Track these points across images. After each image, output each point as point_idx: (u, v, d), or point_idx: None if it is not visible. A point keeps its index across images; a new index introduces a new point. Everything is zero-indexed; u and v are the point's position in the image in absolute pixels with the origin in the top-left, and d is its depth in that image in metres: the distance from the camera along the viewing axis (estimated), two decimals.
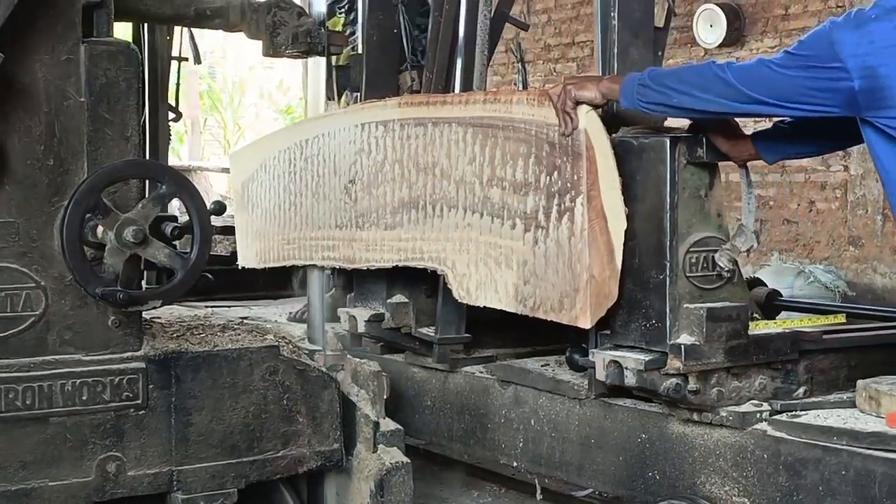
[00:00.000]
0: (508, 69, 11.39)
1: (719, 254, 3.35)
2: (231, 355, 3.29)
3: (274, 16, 4.07)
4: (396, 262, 4.03)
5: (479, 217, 3.71)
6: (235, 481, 3.28)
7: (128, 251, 3.03)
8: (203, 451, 3.23)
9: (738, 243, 3.35)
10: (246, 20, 4.03)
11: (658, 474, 3.53)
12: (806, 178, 9.11)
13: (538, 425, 3.91)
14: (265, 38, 4.07)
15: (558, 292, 3.45)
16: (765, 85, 3.06)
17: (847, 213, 8.66)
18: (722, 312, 3.32)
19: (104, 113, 3.08)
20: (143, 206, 3.08)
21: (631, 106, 3.30)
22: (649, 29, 3.62)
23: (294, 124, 4.99)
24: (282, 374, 3.35)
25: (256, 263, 4.81)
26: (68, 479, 3.05)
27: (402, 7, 4.49)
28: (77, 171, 3.06)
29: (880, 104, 2.95)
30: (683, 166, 3.35)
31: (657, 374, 3.32)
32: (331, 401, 3.43)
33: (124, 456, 3.12)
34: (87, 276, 3.01)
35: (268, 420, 3.32)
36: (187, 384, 3.21)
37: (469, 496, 4.87)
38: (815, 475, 3.13)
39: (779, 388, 3.45)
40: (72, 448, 3.06)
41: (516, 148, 3.57)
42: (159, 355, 3.18)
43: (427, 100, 4.00)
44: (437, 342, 4.18)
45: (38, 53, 3.01)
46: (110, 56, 3.09)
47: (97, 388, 3.09)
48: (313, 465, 3.41)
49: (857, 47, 2.93)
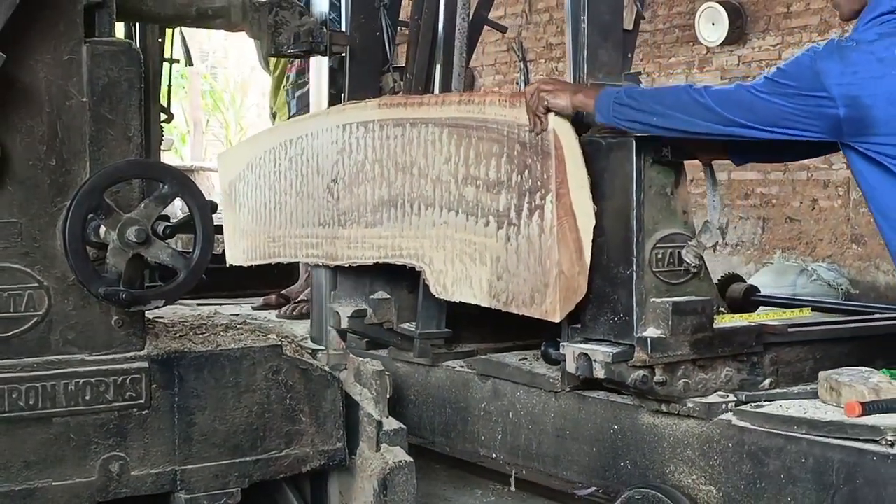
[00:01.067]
0: (510, 68, 11.45)
1: (686, 250, 3.44)
2: (234, 355, 3.28)
3: (276, 15, 4.08)
4: (377, 258, 4.12)
5: (455, 215, 3.80)
6: (239, 481, 3.27)
7: (130, 251, 3.00)
8: (206, 451, 3.22)
9: (703, 240, 3.44)
10: (247, 20, 4.03)
11: (630, 464, 3.61)
12: (809, 175, 9.12)
13: (516, 418, 3.99)
14: (267, 38, 4.08)
15: (529, 287, 3.55)
16: (746, 109, 3.13)
17: (850, 211, 8.66)
18: (687, 306, 3.40)
19: (106, 113, 3.06)
20: (146, 205, 3.05)
21: (606, 122, 3.38)
22: (618, 31, 3.69)
23: (279, 125, 5.07)
24: (285, 374, 3.34)
25: (244, 261, 4.91)
26: (72, 479, 3.04)
27: (384, 10, 4.57)
28: (79, 171, 3.04)
29: (864, 131, 3.05)
30: (649, 165, 3.44)
31: (625, 366, 3.40)
32: (334, 400, 3.43)
33: (128, 456, 3.11)
34: (89, 276, 2.99)
35: (271, 419, 3.31)
36: (190, 384, 3.19)
37: (472, 495, 4.87)
38: (777, 463, 3.21)
39: (745, 379, 3.52)
40: (75, 448, 3.05)
41: (489, 147, 3.66)
42: (162, 355, 3.17)
43: (405, 101, 4.09)
44: (418, 337, 4.25)
45: (40, 53, 3.00)
46: (112, 56, 3.07)
47: (100, 388, 3.07)
48: (316, 464, 3.41)
49: (841, 77, 3.02)
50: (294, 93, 5.66)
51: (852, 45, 3.07)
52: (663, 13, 10.20)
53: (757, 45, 9.43)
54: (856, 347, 3.65)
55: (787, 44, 9.21)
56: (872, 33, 3.08)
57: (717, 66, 9.73)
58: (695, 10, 9.67)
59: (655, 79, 10.19)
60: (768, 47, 9.33)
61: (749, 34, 9.49)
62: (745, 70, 9.46)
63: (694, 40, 9.79)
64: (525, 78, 10.90)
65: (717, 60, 9.71)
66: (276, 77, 6.03)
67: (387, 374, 3.53)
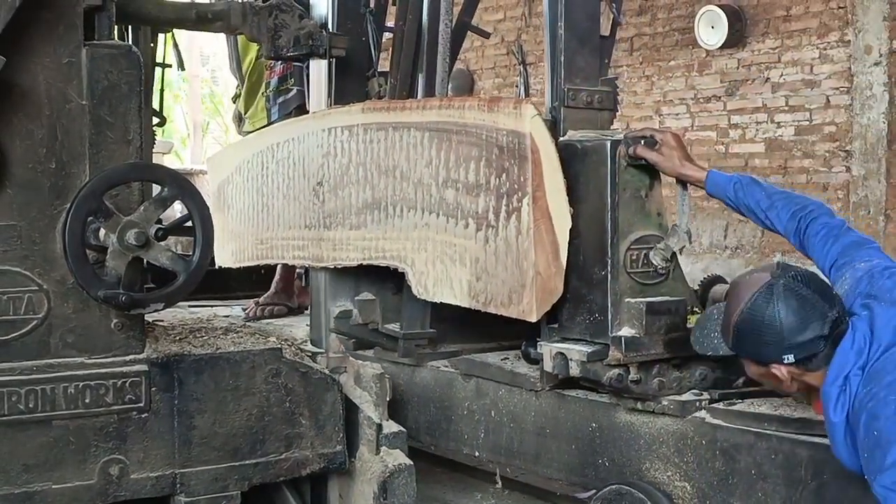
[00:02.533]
0: (510, 71, 11.49)
1: (653, 252, 3.50)
2: (234, 358, 3.27)
3: (275, 18, 4.16)
4: (361, 260, 4.18)
5: (436, 217, 3.86)
6: (238, 484, 3.27)
7: (130, 254, 2.99)
8: (206, 454, 3.21)
9: (671, 243, 3.51)
10: (247, 23, 4.09)
11: (607, 461, 3.67)
12: (808, 179, 9.15)
13: (498, 416, 4.05)
14: (266, 41, 4.14)
15: (507, 288, 3.61)
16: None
17: (849, 215, 8.68)
18: (661, 306, 3.46)
19: (106, 116, 3.05)
20: (145, 208, 3.03)
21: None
22: (595, 37, 3.76)
23: (267, 129, 5.12)
24: (284, 377, 3.33)
25: (232, 263, 4.97)
26: (71, 483, 3.03)
27: (369, 16, 4.63)
28: (79, 174, 3.03)
29: None
30: (624, 168, 3.50)
31: (600, 364, 3.47)
32: (333, 403, 3.42)
33: (127, 459, 3.10)
34: (89, 279, 2.97)
35: (270, 422, 3.31)
36: (190, 387, 3.18)
37: (472, 498, 4.87)
38: (749, 459, 3.27)
39: (719, 378, 3.57)
40: (75, 451, 3.04)
41: (469, 151, 3.72)
42: (162, 358, 3.16)
43: (388, 105, 4.15)
44: (403, 337, 4.30)
45: (40, 57, 2.98)
46: (112, 59, 3.06)
47: (100, 391, 3.06)
48: (316, 467, 3.41)
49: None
50: (276, 99, 5.70)
51: None
52: (663, 16, 10.24)
53: (756, 49, 9.46)
54: None
55: (786, 47, 9.25)
56: None
57: (717, 69, 9.77)
58: (694, 14, 9.71)
59: (655, 81, 10.24)
60: (768, 50, 9.36)
61: (748, 37, 9.52)
62: (745, 73, 9.50)
63: (693, 43, 9.83)
64: (524, 80, 10.94)
65: (716, 63, 9.75)
66: (252, 82, 6.07)
67: (387, 377, 3.55)
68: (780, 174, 9.28)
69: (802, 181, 9.16)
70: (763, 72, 9.43)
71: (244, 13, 4.16)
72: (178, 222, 3.28)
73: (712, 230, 9.80)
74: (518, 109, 3.55)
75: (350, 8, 4.65)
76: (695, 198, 10.03)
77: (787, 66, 9.22)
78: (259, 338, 3.54)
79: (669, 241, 3.50)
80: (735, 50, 9.58)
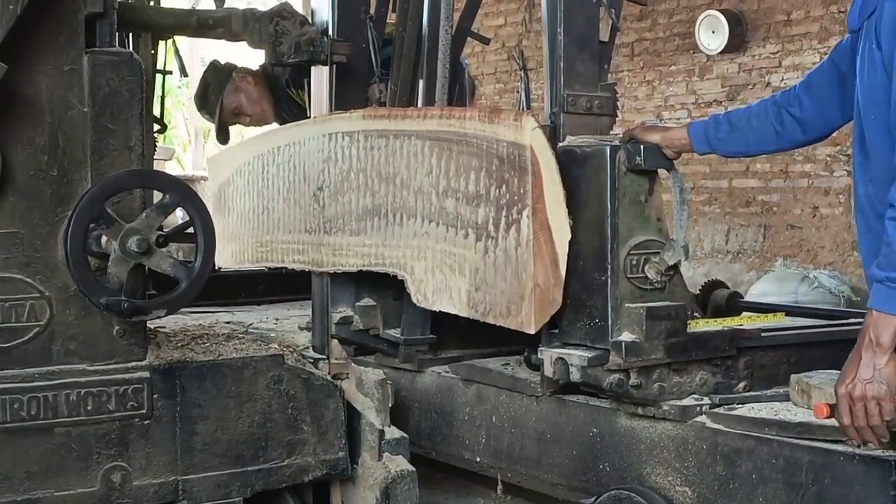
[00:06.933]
0: (511, 76, 11.51)
1: (648, 266, 3.50)
2: (236, 364, 3.28)
3: (276, 25, 4.16)
4: (360, 266, 4.17)
5: (436, 226, 3.86)
6: (240, 490, 3.28)
7: (132, 261, 3.00)
8: (208, 461, 3.22)
9: (666, 257, 3.51)
10: (248, 29, 4.10)
11: (608, 466, 3.67)
12: (809, 183, 9.16)
13: (499, 422, 4.05)
14: (268, 48, 4.15)
15: (506, 299, 3.61)
16: None
17: (851, 218, 8.67)
18: (661, 311, 3.46)
19: (107, 123, 3.06)
20: (147, 215, 3.04)
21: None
22: (595, 43, 3.76)
23: (268, 132, 5.12)
24: (286, 383, 3.35)
25: (232, 264, 4.99)
26: (73, 490, 3.04)
27: (370, 22, 4.64)
28: (80, 181, 3.04)
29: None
30: (623, 173, 3.50)
31: (600, 370, 3.46)
32: (336, 409, 3.44)
33: (129, 466, 3.11)
34: (91, 286, 2.98)
35: (273, 429, 3.32)
36: (192, 393, 3.20)
37: (473, 503, 4.88)
38: (749, 464, 3.27)
39: (719, 382, 3.58)
40: (77, 458, 3.05)
41: (469, 161, 3.72)
42: (164, 365, 3.17)
43: (389, 113, 4.14)
44: (403, 343, 4.31)
45: (42, 64, 3.00)
46: (113, 66, 3.07)
47: (102, 398, 3.08)
48: (318, 473, 3.42)
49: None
50: None
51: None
52: (664, 21, 10.26)
53: (757, 53, 9.49)
54: (829, 351, 3.69)
55: (787, 51, 9.27)
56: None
57: (718, 73, 9.79)
58: (695, 18, 9.74)
59: (656, 86, 10.26)
60: (768, 55, 9.39)
61: (749, 42, 9.55)
62: (746, 78, 9.51)
63: (694, 48, 9.86)
64: (525, 86, 10.96)
65: (717, 68, 9.78)
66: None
67: (389, 383, 3.56)
68: (781, 178, 9.30)
69: (804, 185, 9.18)
70: (764, 76, 9.45)
71: (245, 20, 4.17)
72: (180, 229, 3.26)
73: (713, 235, 9.82)
74: (519, 121, 3.55)
75: (350, 14, 4.66)
76: (696, 202, 10.06)
77: (788, 70, 9.23)
78: (261, 344, 3.55)
79: (665, 256, 3.50)
80: (736, 54, 9.61)
